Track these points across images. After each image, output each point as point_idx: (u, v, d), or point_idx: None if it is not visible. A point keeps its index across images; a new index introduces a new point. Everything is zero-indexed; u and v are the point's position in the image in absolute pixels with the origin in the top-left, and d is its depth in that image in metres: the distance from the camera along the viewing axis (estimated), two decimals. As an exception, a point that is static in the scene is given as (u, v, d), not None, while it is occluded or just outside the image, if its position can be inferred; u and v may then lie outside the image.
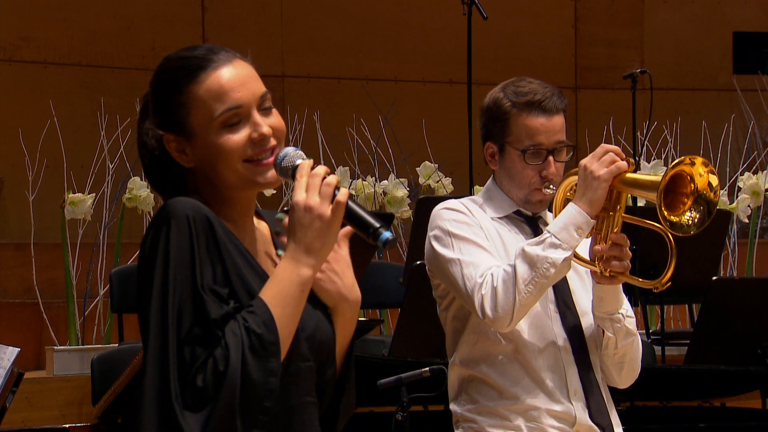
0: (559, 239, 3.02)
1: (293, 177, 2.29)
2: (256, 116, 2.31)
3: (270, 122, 2.32)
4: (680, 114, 8.45)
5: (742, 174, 7.34)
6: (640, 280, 3.11)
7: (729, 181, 7.72)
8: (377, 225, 2.26)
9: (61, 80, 8.02)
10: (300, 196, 2.25)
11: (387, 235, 2.24)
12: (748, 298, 5.29)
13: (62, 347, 6.43)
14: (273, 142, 2.31)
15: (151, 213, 7.01)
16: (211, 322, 2.20)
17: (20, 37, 7.97)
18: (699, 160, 2.93)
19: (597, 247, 3.05)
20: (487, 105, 3.26)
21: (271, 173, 2.31)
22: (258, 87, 2.32)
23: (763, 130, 8.88)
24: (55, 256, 6.88)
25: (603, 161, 2.99)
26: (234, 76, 2.31)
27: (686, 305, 6.95)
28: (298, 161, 2.30)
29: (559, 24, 9.42)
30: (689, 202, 2.92)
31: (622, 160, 3.01)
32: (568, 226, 3.02)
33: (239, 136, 2.29)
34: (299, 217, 2.25)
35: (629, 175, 3.00)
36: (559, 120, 3.20)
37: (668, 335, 6.38)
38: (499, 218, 3.25)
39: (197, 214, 2.25)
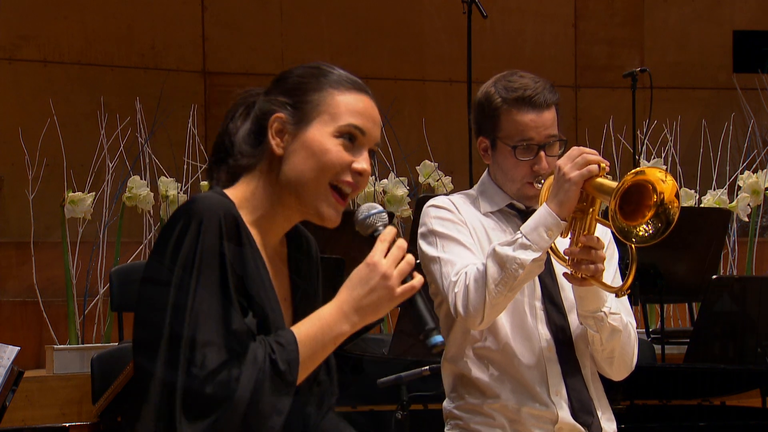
0: (529, 240, 3.02)
1: (371, 235, 2.30)
2: (366, 153, 2.33)
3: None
4: (680, 113, 8.45)
5: (741, 173, 7.34)
6: (607, 285, 3.10)
7: (729, 179, 7.73)
8: (433, 326, 2.26)
9: (61, 79, 8.02)
10: (379, 258, 2.25)
11: (439, 339, 2.25)
12: (747, 296, 5.29)
13: (62, 346, 6.44)
14: (363, 184, 2.33)
15: (151, 212, 7.02)
16: (232, 332, 2.17)
17: (20, 36, 7.97)
18: (654, 170, 2.91)
19: (567, 249, 3.04)
20: (478, 100, 3.27)
21: (336, 215, 2.31)
22: (379, 134, 2.37)
23: (762, 128, 8.88)
24: (54, 254, 6.88)
25: (576, 163, 2.99)
26: (373, 111, 2.36)
27: (686, 304, 6.96)
28: (381, 226, 2.31)
29: (559, 22, 9.43)
30: (649, 214, 2.92)
31: (598, 162, 2.99)
32: (538, 227, 3.01)
33: (345, 154, 2.30)
34: (368, 276, 2.24)
35: (597, 179, 2.99)
36: (549, 115, 3.19)
37: (668, 334, 6.38)
38: (492, 212, 3.25)
39: (228, 214, 2.23)
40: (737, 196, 7.09)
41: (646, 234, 2.90)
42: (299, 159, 2.30)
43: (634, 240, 2.90)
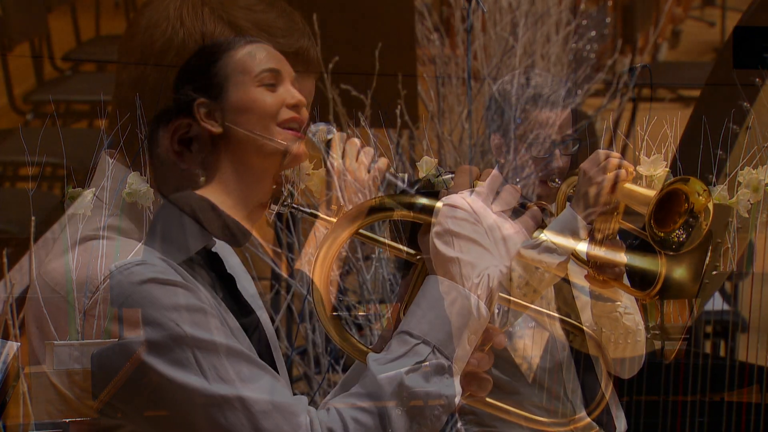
0: (554, 244, 3.01)
1: (326, 149, 2.35)
2: (290, 86, 2.33)
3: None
4: (680, 109, 8.43)
5: (741, 169, 7.33)
6: (632, 288, 3.09)
7: (729, 176, 7.72)
8: (413, 193, 2.28)
9: (61, 75, 8.01)
10: (337, 160, 2.32)
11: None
12: (746, 292, 5.28)
13: (62, 342, 6.42)
14: (305, 113, 2.33)
15: (151, 208, 7.01)
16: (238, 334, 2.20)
17: (20, 32, 7.96)
18: (696, 182, 2.90)
19: (591, 252, 3.04)
20: (493, 96, 3.25)
21: (302, 146, 2.31)
22: (290, 67, 2.36)
23: (762, 124, 8.88)
24: (54, 251, 6.87)
25: (602, 167, 2.97)
26: (272, 50, 2.37)
27: (685, 299, 6.95)
28: (330, 135, 2.38)
29: (557, 18, 9.41)
30: (680, 221, 2.89)
31: (625, 167, 2.98)
32: (563, 230, 3.01)
33: (275, 96, 2.30)
34: (333, 180, 2.31)
35: (626, 185, 2.98)
36: (565, 114, 3.18)
37: (667, 329, 6.38)
38: (503, 211, 3.25)
39: (203, 208, 2.30)
40: (737, 192, 7.08)
41: (681, 239, 2.88)
42: (239, 123, 2.30)
43: (674, 247, 2.88)
